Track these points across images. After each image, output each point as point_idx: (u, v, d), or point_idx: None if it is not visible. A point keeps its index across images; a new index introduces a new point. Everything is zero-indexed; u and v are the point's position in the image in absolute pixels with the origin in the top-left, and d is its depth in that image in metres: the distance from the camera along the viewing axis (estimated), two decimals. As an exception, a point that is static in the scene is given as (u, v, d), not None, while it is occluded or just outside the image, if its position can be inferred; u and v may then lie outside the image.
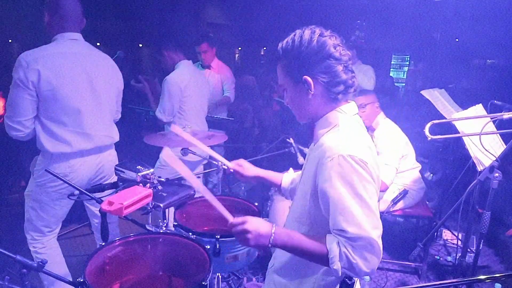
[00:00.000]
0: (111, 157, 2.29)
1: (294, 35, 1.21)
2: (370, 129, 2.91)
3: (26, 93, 1.91)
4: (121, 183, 1.74)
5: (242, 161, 1.70)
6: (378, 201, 2.84)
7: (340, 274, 1.12)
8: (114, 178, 2.19)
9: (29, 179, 2.18)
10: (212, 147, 1.84)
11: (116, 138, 2.31)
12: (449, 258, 3.21)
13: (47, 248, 2.22)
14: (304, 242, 1.18)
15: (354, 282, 1.19)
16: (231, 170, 1.69)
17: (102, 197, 1.70)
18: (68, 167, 2.07)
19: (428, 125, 2.22)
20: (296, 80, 1.21)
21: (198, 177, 3.35)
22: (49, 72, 1.91)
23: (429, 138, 2.21)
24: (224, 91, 4.06)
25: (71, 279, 1.34)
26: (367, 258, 1.09)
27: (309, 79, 1.19)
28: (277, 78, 1.28)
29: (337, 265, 1.11)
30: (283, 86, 1.27)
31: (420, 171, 3.07)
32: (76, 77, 2.02)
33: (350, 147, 1.12)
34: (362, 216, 1.09)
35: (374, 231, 1.09)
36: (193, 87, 2.92)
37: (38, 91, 1.92)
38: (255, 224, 1.18)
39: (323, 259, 1.14)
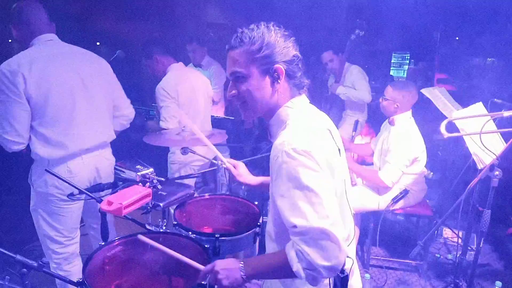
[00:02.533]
0: (107, 157, 2.22)
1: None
2: (390, 122, 2.90)
3: (18, 104, 1.82)
4: (120, 183, 1.74)
5: (238, 164, 1.72)
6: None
7: (303, 276, 1.07)
8: (112, 178, 2.19)
9: (30, 192, 2.10)
10: (216, 146, 1.85)
11: (113, 135, 2.23)
12: (449, 256, 3.20)
13: (72, 265, 2.16)
14: (271, 258, 1.18)
15: (347, 276, 1.11)
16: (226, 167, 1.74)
17: (101, 196, 1.70)
18: (67, 171, 2.01)
19: (445, 122, 2.18)
20: (263, 69, 1.18)
21: (197, 176, 3.35)
22: (35, 77, 1.83)
23: (445, 136, 2.16)
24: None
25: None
26: (323, 248, 1.03)
27: (281, 67, 1.18)
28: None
29: (296, 267, 1.07)
30: (240, 74, 1.19)
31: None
32: (64, 77, 1.94)
33: (293, 141, 1.10)
34: (308, 207, 1.05)
35: (323, 221, 1.04)
36: (188, 88, 2.84)
37: (29, 98, 1.83)
38: (223, 264, 1.19)
39: (289, 267, 1.09)
